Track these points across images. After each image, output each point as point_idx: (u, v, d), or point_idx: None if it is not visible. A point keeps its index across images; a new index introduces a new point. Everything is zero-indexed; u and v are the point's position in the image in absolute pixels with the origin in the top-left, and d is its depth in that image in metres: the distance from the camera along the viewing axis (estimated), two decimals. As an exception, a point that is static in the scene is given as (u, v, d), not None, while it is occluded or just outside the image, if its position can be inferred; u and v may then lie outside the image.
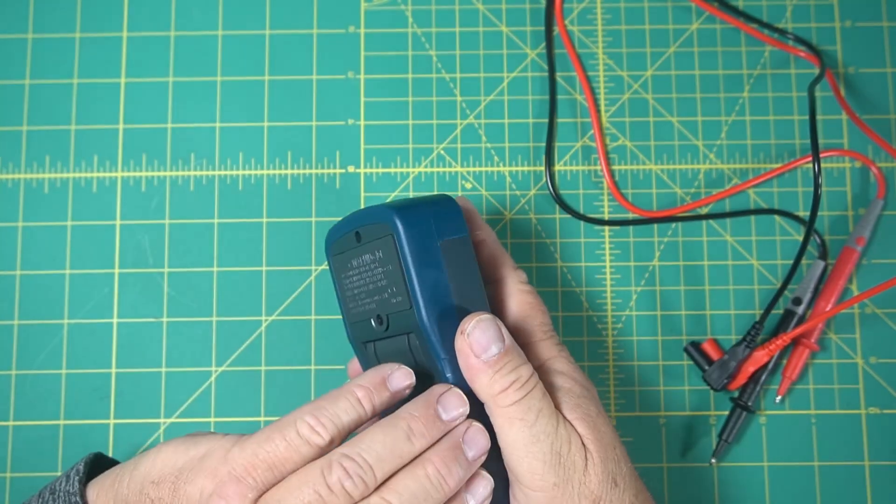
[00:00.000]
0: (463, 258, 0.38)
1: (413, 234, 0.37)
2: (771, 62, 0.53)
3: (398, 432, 0.35)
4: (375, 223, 0.38)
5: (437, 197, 0.40)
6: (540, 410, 0.36)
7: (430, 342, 0.37)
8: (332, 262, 0.42)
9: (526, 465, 0.36)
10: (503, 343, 0.37)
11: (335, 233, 0.42)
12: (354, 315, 0.41)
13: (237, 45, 0.52)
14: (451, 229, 0.38)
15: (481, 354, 0.36)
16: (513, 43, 0.53)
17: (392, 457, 0.35)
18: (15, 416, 0.49)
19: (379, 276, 0.39)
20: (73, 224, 0.51)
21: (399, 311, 0.38)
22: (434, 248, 0.37)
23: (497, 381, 0.36)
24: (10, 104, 0.52)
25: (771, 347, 0.48)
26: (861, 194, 0.51)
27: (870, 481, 0.49)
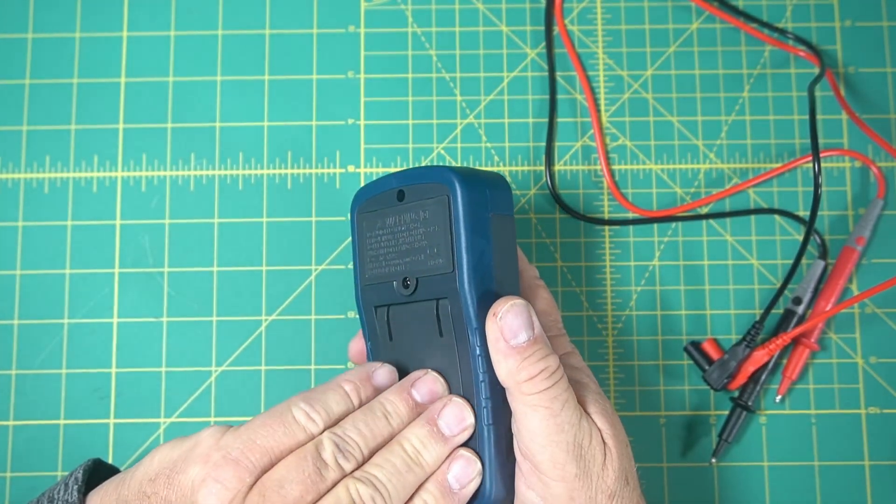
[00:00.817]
0: (508, 236, 0.38)
1: (470, 198, 0.37)
2: (771, 62, 0.53)
3: (376, 413, 0.36)
4: (428, 182, 0.38)
5: (490, 172, 0.40)
6: (565, 401, 0.36)
7: (466, 308, 0.37)
8: (357, 218, 0.41)
9: (549, 453, 0.36)
10: (533, 331, 0.37)
11: (369, 190, 0.41)
12: (372, 276, 0.40)
13: (237, 45, 0.52)
14: (501, 205, 0.38)
15: (511, 339, 0.36)
16: (513, 42, 0.53)
17: (373, 436, 0.36)
18: (15, 416, 0.49)
19: (418, 236, 0.38)
20: (74, 224, 0.51)
21: (436, 275, 0.38)
22: (485, 219, 0.37)
23: (525, 369, 0.36)
24: (10, 104, 0.52)
25: (771, 347, 0.48)
26: (861, 194, 0.51)
27: (870, 481, 0.49)
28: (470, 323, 0.37)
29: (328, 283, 0.50)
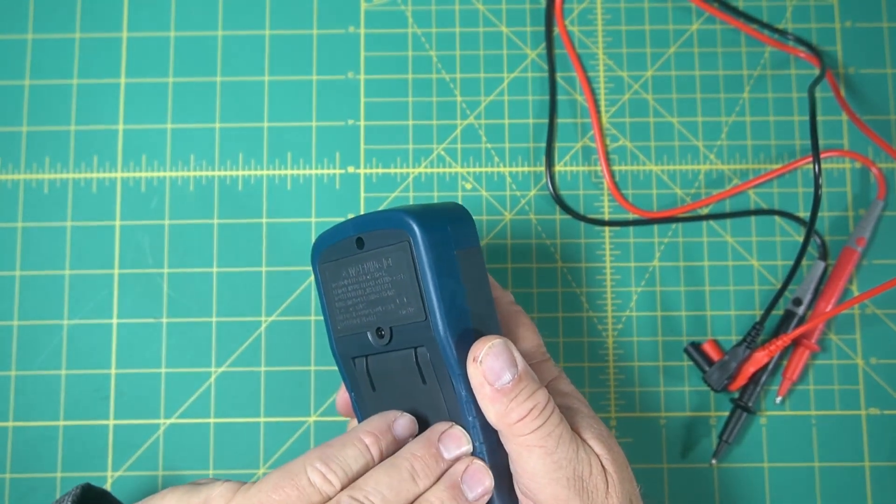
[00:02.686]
0: (477, 269, 0.37)
1: (432, 241, 0.35)
2: (771, 63, 0.53)
3: (402, 473, 0.34)
4: (385, 229, 0.36)
5: (448, 205, 0.38)
6: (560, 436, 0.35)
7: (446, 356, 0.35)
8: (319, 270, 0.40)
9: (550, 491, 0.35)
10: (517, 368, 0.35)
11: (327, 239, 0.39)
12: (345, 328, 0.39)
13: (237, 45, 0.52)
14: (465, 239, 0.37)
15: (495, 382, 0.35)
16: (513, 43, 0.53)
17: (397, 499, 0.34)
18: (15, 416, 0.49)
19: (385, 286, 0.37)
20: (73, 224, 0.51)
21: (409, 323, 0.36)
22: (451, 258, 0.36)
23: (513, 410, 0.35)
24: (10, 104, 0.52)
25: (771, 348, 0.48)
26: (861, 195, 0.51)
27: (870, 482, 0.49)
28: (452, 370, 0.36)
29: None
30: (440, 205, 0.38)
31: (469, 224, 0.37)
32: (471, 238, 0.37)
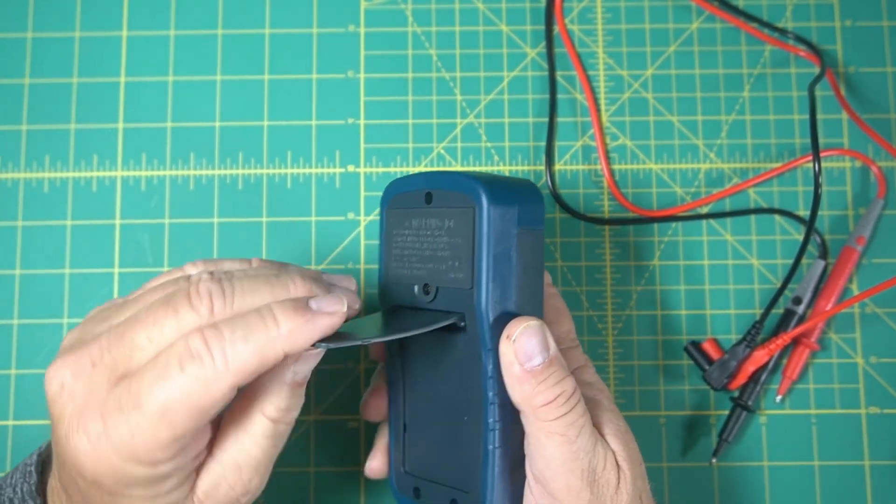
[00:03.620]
0: (534, 252, 0.37)
1: (497, 215, 0.35)
2: (771, 61, 0.53)
3: (262, 279, 0.34)
4: (456, 191, 0.37)
5: (521, 182, 0.38)
6: (582, 427, 0.35)
7: (482, 329, 0.36)
8: (386, 214, 0.40)
9: (563, 481, 0.35)
10: (548, 353, 0.35)
11: (400, 185, 0.39)
12: (395, 276, 0.39)
13: (237, 45, 0.52)
14: (531, 219, 0.37)
15: (525, 363, 0.35)
16: (513, 42, 0.53)
17: (252, 285, 0.33)
18: (15, 415, 0.49)
19: (441, 245, 0.37)
20: (73, 223, 0.51)
21: (455, 288, 0.36)
22: (511, 236, 0.36)
23: (540, 393, 0.35)
24: (10, 104, 0.52)
25: (771, 347, 0.48)
26: (861, 194, 0.51)
27: (870, 481, 0.49)
28: (484, 344, 0.36)
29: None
30: (514, 180, 0.38)
31: (537, 205, 0.37)
32: (536, 219, 0.37)
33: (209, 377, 0.31)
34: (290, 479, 0.48)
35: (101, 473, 0.32)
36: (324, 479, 0.48)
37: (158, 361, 0.32)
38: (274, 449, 0.35)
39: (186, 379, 0.31)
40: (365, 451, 0.49)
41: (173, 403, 0.31)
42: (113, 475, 0.32)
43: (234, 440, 0.34)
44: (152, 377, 0.31)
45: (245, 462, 0.34)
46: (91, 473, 0.32)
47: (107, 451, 0.31)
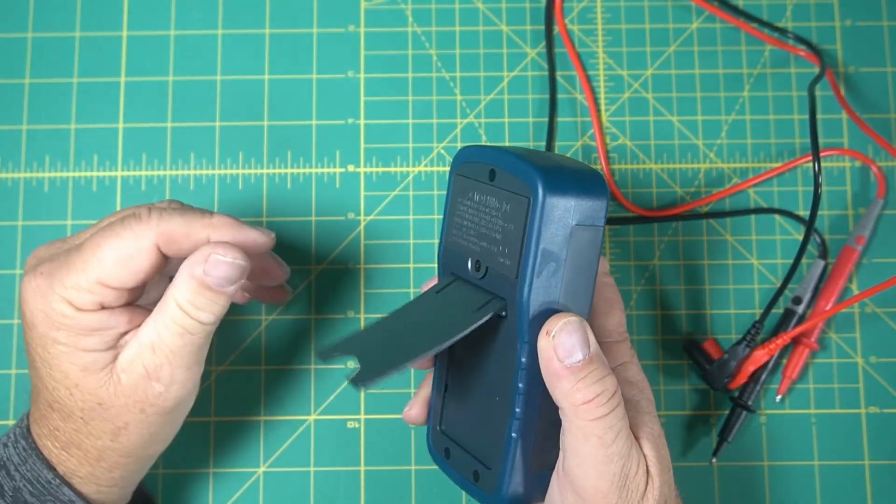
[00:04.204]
0: (588, 249, 0.35)
1: (551, 209, 0.34)
2: (771, 61, 0.53)
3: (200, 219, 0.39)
4: (517, 176, 0.35)
5: (586, 171, 0.36)
6: (619, 431, 0.35)
7: (521, 321, 0.35)
8: (454, 178, 0.39)
9: (593, 482, 0.35)
10: (588, 349, 0.35)
11: (470, 154, 0.39)
12: (453, 243, 0.39)
13: (237, 45, 0.52)
14: (589, 214, 0.35)
15: (565, 359, 0.34)
16: (513, 42, 0.53)
17: (183, 227, 0.38)
18: (15, 415, 0.49)
19: (496, 227, 0.36)
20: (73, 223, 0.51)
21: (502, 273, 0.36)
22: (565, 231, 0.35)
23: (580, 391, 0.34)
24: (10, 103, 0.52)
25: (771, 347, 0.48)
26: (861, 193, 0.51)
27: (870, 481, 0.49)
28: (521, 336, 0.35)
29: (328, 282, 0.50)
30: (580, 169, 0.36)
31: (600, 199, 0.35)
32: (596, 215, 0.35)
33: (139, 230, 0.37)
34: (291, 478, 0.48)
35: (36, 310, 0.38)
36: (324, 478, 0.49)
37: (104, 219, 0.39)
38: (182, 340, 0.38)
39: (122, 228, 0.37)
40: (365, 451, 0.49)
41: (105, 245, 0.37)
42: (43, 310, 0.37)
43: (152, 321, 0.38)
44: (95, 228, 0.39)
45: (158, 345, 0.38)
46: (30, 311, 0.38)
47: (44, 284, 0.37)
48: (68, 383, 0.38)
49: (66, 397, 0.38)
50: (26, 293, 0.38)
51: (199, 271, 0.37)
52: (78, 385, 0.38)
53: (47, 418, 0.39)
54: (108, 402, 0.38)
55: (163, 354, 0.38)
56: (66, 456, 0.39)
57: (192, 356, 0.39)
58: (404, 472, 0.49)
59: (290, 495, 0.48)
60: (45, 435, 0.39)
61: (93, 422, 0.38)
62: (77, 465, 0.39)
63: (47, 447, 0.39)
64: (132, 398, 0.38)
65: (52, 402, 0.39)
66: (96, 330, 0.37)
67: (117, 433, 0.39)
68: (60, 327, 0.37)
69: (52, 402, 0.39)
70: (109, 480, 0.40)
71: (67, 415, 0.38)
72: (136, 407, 0.38)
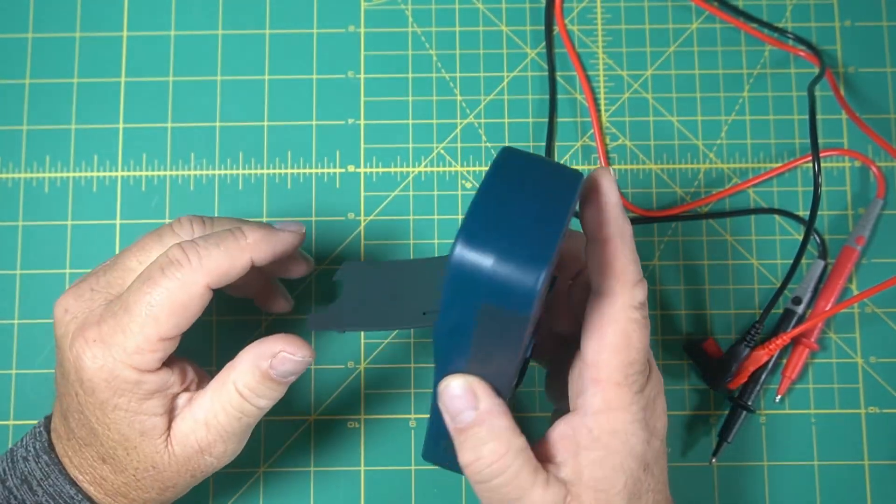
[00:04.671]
0: (506, 331, 0.30)
1: (457, 273, 0.29)
2: (771, 62, 0.53)
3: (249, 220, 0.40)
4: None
5: (541, 242, 0.29)
6: (505, 496, 0.34)
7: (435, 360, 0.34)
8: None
9: None
10: (474, 412, 0.34)
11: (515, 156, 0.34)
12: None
13: (237, 45, 0.53)
14: (509, 299, 0.28)
15: (452, 420, 0.35)
16: (513, 42, 0.53)
17: (229, 220, 0.41)
18: (15, 415, 0.49)
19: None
20: (74, 223, 0.51)
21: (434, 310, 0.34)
22: (468, 306, 0.29)
23: (463, 452, 0.35)
24: (10, 104, 0.52)
25: (771, 347, 0.48)
26: (861, 194, 0.51)
27: (869, 481, 0.49)
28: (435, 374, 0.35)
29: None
30: (540, 236, 0.29)
31: (526, 287, 0.28)
32: (520, 301, 0.28)
33: (186, 276, 0.36)
34: (291, 478, 0.48)
35: (96, 378, 0.37)
36: (324, 478, 0.49)
37: (143, 272, 0.37)
38: (238, 423, 0.38)
39: (167, 280, 0.36)
40: (365, 451, 0.49)
41: (156, 302, 0.36)
42: (106, 379, 0.36)
43: (208, 400, 0.38)
44: (138, 283, 0.37)
45: (213, 423, 0.38)
46: (88, 379, 0.37)
47: (102, 353, 0.36)
48: (127, 445, 0.38)
49: (123, 457, 0.38)
50: (80, 361, 0.37)
51: (266, 365, 0.38)
52: (137, 448, 0.38)
53: (95, 467, 0.39)
54: (162, 467, 0.39)
55: (216, 433, 0.38)
56: (110, 501, 0.40)
57: (244, 433, 0.40)
58: (404, 472, 0.49)
59: (290, 495, 0.48)
60: (87, 480, 0.39)
61: (144, 480, 0.39)
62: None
63: (90, 491, 0.39)
64: (185, 467, 0.39)
65: (106, 457, 0.39)
66: (156, 392, 0.38)
67: (165, 490, 0.40)
68: (123, 393, 0.37)
69: (105, 456, 0.39)
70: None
71: (120, 470, 0.39)
72: (187, 474, 0.39)
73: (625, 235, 0.34)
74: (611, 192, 0.34)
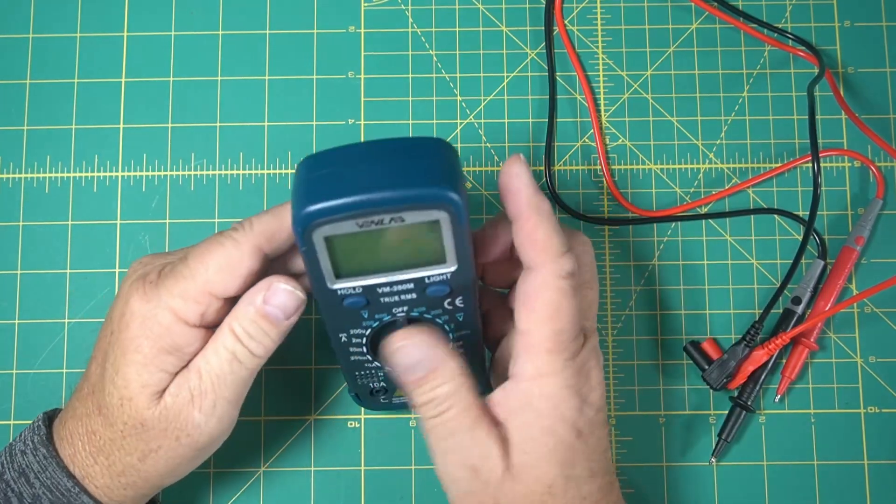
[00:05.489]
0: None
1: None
2: (770, 62, 0.53)
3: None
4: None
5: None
6: (453, 429, 0.37)
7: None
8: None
9: (441, 470, 0.38)
10: (423, 370, 0.37)
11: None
12: None
13: (237, 45, 0.53)
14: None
15: (402, 377, 0.38)
16: (512, 43, 0.53)
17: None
18: (15, 415, 0.49)
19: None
20: (74, 223, 0.51)
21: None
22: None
23: (414, 397, 0.37)
24: (11, 104, 0.52)
25: (770, 347, 0.48)
26: (860, 194, 0.51)
27: (869, 480, 0.49)
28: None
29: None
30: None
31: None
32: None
33: (238, 236, 0.38)
34: (291, 478, 0.49)
35: (137, 312, 0.38)
36: (324, 478, 0.49)
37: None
38: (230, 368, 0.39)
39: (223, 237, 0.38)
40: (365, 450, 0.49)
41: (209, 256, 0.38)
42: (143, 315, 0.38)
43: (205, 349, 0.39)
44: (199, 243, 0.39)
45: (205, 369, 0.39)
46: (130, 313, 0.38)
47: (151, 292, 0.38)
48: (125, 394, 0.38)
49: (117, 406, 0.39)
50: (131, 296, 0.39)
51: (259, 299, 0.38)
52: (132, 399, 0.38)
53: (90, 418, 0.40)
54: (150, 423, 0.39)
55: (209, 380, 0.39)
56: (91, 461, 0.40)
57: (235, 389, 0.39)
58: (404, 472, 0.49)
59: (290, 495, 0.48)
60: (77, 434, 0.40)
61: (129, 438, 0.39)
62: (98, 473, 0.40)
63: (75, 447, 0.40)
64: (173, 424, 0.39)
65: (103, 407, 0.39)
66: (179, 349, 0.38)
67: (146, 454, 0.39)
68: (151, 336, 0.38)
69: (102, 405, 0.39)
70: (121, 496, 0.41)
71: (111, 423, 0.39)
72: (172, 434, 0.39)
73: (542, 211, 0.37)
74: (522, 174, 0.37)
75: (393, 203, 0.34)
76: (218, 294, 0.38)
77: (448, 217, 0.35)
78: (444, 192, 0.34)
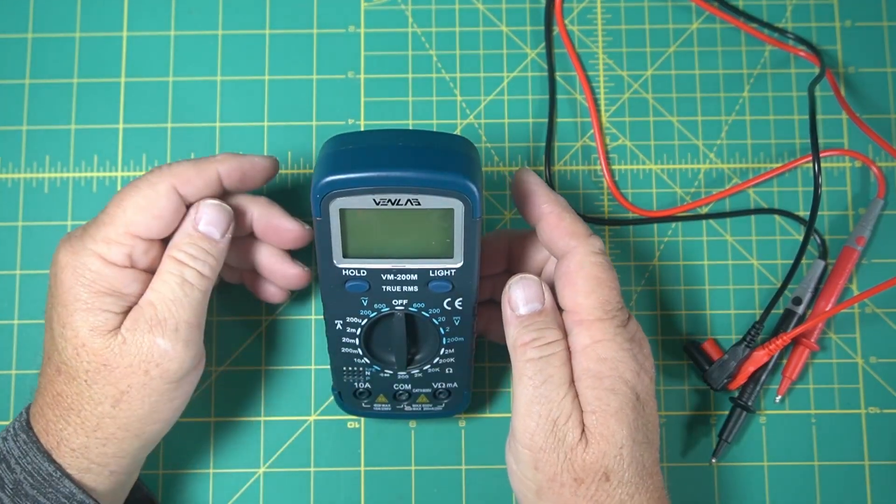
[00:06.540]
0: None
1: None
2: (771, 62, 0.53)
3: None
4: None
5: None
6: (550, 376, 0.38)
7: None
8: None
9: (521, 421, 0.38)
10: (539, 304, 0.39)
11: None
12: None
13: (237, 45, 0.53)
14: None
15: (516, 309, 0.39)
16: (513, 43, 0.53)
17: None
18: (15, 415, 0.49)
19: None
20: (74, 224, 0.51)
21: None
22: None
23: (522, 334, 0.39)
24: (10, 104, 0.52)
25: (771, 347, 0.48)
26: (861, 194, 0.51)
27: (870, 481, 0.49)
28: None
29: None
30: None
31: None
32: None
33: (153, 177, 0.40)
34: (291, 478, 0.48)
35: (67, 267, 0.39)
36: (324, 478, 0.49)
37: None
38: (181, 290, 0.40)
39: (138, 180, 0.41)
40: (365, 450, 0.49)
41: (126, 199, 0.40)
42: (74, 267, 0.39)
43: (151, 284, 0.40)
44: (116, 194, 0.41)
45: (158, 297, 0.40)
46: (61, 269, 0.40)
47: (75, 244, 0.40)
48: (76, 342, 0.39)
49: (73, 358, 0.39)
50: (58, 252, 0.40)
51: (190, 222, 0.41)
52: (85, 345, 0.39)
53: (53, 383, 0.40)
54: (114, 362, 0.39)
55: (164, 307, 0.39)
56: (63, 424, 0.40)
57: (193, 310, 0.40)
58: (404, 472, 0.49)
59: (290, 495, 0.48)
60: (46, 404, 0.40)
61: (96, 385, 0.39)
62: (72, 434, 0.39)
63: (46, 417, 0.40)
64: (137, 358, 0.39)
65: (60, 365, 0.40)
66: (116, 291, 0.40)
67: (119, 399, 0.39)
68: (84, 283, 0.39)
69: (59, 364, 0.40)
70: (101, 456, 0.40)
71: (72, 377, 0.39)
72: (140, 368, 0.39)
73: (562, 202, 0.41)
74: (533, 179, 0.41)
75: (412, 183, 0.35)
76: (140, 234, 0.40)
77: (463, 208, 0.36)
78: (463, 181, 0.36)
